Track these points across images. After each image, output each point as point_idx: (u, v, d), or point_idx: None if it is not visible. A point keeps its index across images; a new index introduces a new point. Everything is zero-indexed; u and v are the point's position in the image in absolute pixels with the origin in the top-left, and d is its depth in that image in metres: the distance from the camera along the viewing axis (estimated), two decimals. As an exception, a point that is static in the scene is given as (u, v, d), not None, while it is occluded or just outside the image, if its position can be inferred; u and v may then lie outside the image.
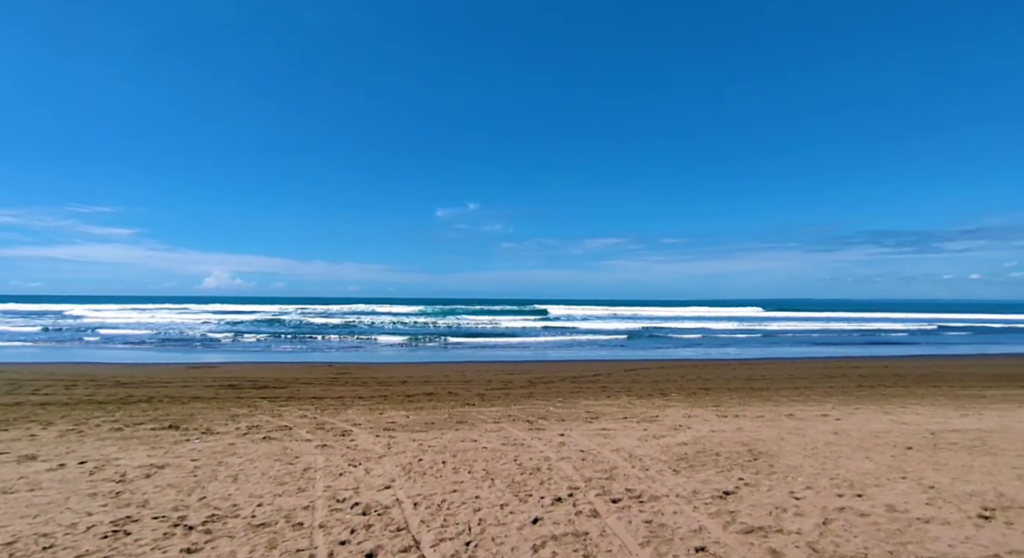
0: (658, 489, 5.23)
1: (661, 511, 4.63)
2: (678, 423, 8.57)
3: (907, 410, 9.68)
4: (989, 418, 8.78)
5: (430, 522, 4.38)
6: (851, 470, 5.85)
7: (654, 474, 5.75)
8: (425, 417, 9.36)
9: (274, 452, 6.74)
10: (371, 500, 4.91)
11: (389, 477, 5.65)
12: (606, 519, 4.44)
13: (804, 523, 4.35)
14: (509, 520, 4.42)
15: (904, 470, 5.84)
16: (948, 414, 9.21)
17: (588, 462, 6.25)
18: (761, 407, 10.21)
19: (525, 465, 6.12)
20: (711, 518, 4.47)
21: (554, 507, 4.73)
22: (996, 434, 7.52)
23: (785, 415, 9.24)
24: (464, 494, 5.09)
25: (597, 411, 9.87)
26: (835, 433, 7.72)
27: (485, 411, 9.96)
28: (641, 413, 9.60)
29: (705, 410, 9.87)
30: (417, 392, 12.56)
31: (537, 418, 9.16)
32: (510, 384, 14.01)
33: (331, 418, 9.18)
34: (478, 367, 18.94)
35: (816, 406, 10.29)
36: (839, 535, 4.11)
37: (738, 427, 8.20)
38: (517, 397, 11.83)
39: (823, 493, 5.11)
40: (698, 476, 5.67)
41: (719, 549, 3.86)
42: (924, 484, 5.34)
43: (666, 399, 11.44)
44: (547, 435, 7.75)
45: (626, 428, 8.21)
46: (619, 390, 12.91)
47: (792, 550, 3.85)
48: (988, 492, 5.07)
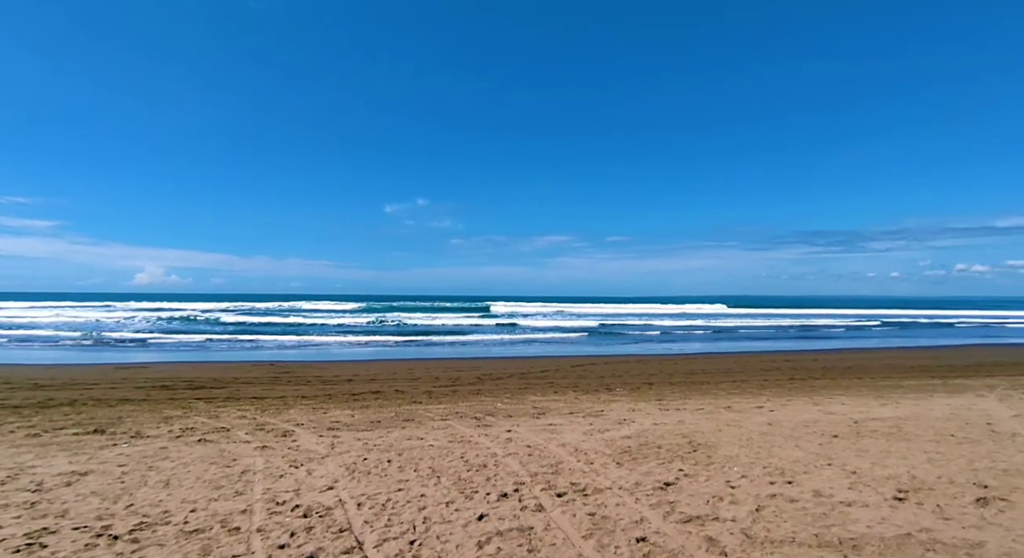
0: (602, 482, 5.34)
1: (604, 503, 4.73)
2: (622, 417, 8.77)
3: (834, 401, 10.26)
4: (905, 406, 9.42)
5: (374, 522, 4.31)
6: (783, 459, 6.15)
7: (598, 467, 5.86)
8: (371, 416, 9.20)
9: (210, 455, 6.47)
10: (313, 502, 4.79)
11: (332, 478, 5.52)
12: (551, 513, 4.50)
13: (739, 511, 4.54)
14: (455, 517, 4.41)
15: (830, 457, 6.18)
16: (870, 403, 9.82)
17: (534, 457, 6.31)
18: (701, 400, 10.59)
19: (472, 462, 6.11)
20: (652, 509, 4.60)
21: (500, 503, 4.75)
22: (911, 421, 8.07)
23: (723, 407, 9.61)
24: (409, 493, 5.04)
25: (544, 407, 9.98)
26: (769, 424, 8.09)
27: (432, 409, 9.89)
28: (587, 408, 9.77)
29: (648, 404, 10.14)
30: (363, 390, 12.33)
31: (485, 415, 9.17)
32: (458, 381, 13.96)
33: (272, 418, 8.89)
34: (426, 364, 18.79)
35: (752, 398, 10.75)
36: (770, 521, 4.31)
37: (679, 420, 8.47)
38: (465, 394, 11.80)
39: (757, 481, 5.34)
40: (640, 468, 5.82)
41: (659, 539, 3.98)
42: (847, 469, 5.67)
43: (611, 394, 11.68)
44: (494, 431, 7.77)
45: (572, 423, 8.34)
46: (566, 386, 13.09)
47: (727, 537, 4.01)
48: (903, 475, 5.44)
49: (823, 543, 3.88)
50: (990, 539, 3.91)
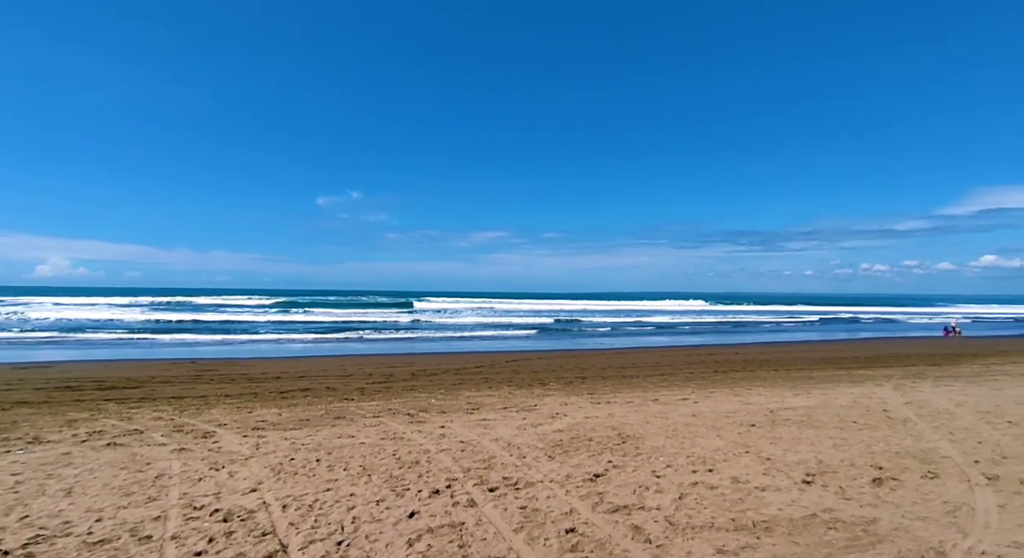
0: (534, 476, 5.42)
1: (535, 496, 4.81)
2: (555, 411, 8.92)
3: (752, 392, 10.88)
4: (815, 396, 10.12)
5: (300, 524, 4.18)
6: (705, 448, 6.46)
7: (530, 461, 5.94)
8: (299, 414, 8.90)
9: (120, 459, 6.05)
10: (234, 505, 4.59)
11: (256, 479, 5.31)
12: (482, 508, 4.52)
13: (663, 499, 4.73)
14: (385, 516, 4.35)
15: (747, 445, 6.55)
16: (784, 394, 10.48)
17: (468, 453, 6.31)
18: (631, 393, 10.94)
19: (404, 459, 6.04)
20: (581, 500, 4.71)
21: (432, 499, 4.73)
22: (819, 410, 8.69)
23: (651, 400, 9.98)
24: (338, 492, 4.92)
25: (478, 402, 10.00)
26: (693, 415, 8.47)
27: (365, 406, 9.69)
28: (521, 402, 9.87)
29: (581, 398, 10.37)
30: (292, 388, 11.91)
31: (418, 411, 9.08)
32: (392, 378, 13.75)
33: (192, 419, 8.43)
34: (359, 360, 18.37)
35: (678, 391, 11.22)
36: (692, 508, 4.52)
37: (610, 413, 8.72)
38: (399, 390, 11.64)
39: (680, 470, 5.59)
40: (571, 461, 5.95)
41: (587, 529, 4.09)
42: (762, 456, 6.04)
43: (545, 388, 11.86)
44: (428, 428, 7.71)
45: (506, 418, 8.40)
46: (501, 381, 13.17)
47: (651, 525, 4.17)
48: (811, 460, 5.85)
49: (739, 527, 4.11)
50: (883, 516, 4.28)
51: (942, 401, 9.34)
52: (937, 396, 9.91)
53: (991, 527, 4.03)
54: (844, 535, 3.93)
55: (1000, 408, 8.62)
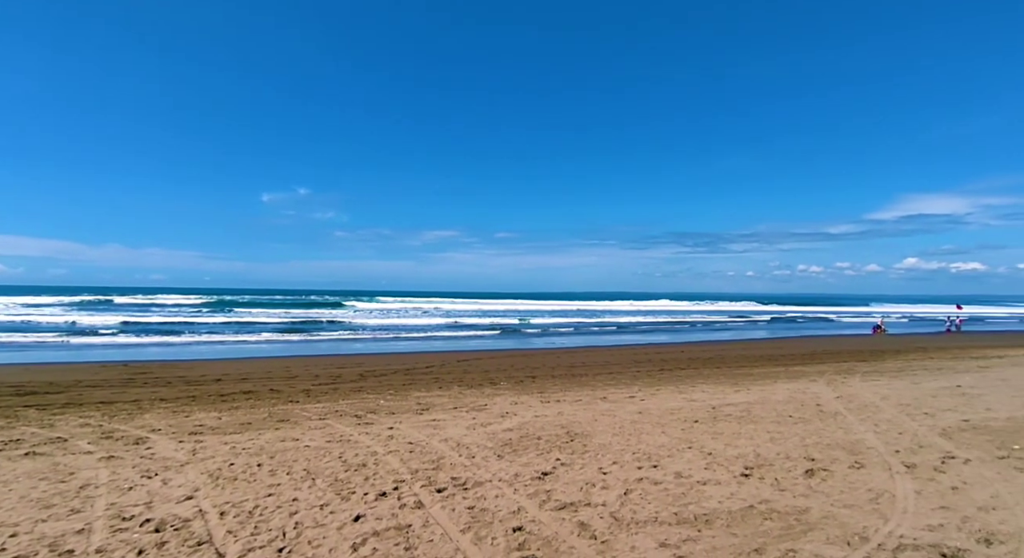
0: (482, 475, 5.41)
1: (484, 496, 4.80)
2: (505, 410, 8.95)
3: (696, 389, 11.24)
4: (754, 392, 10.56)
5: (238, 532, 4.02)
6: (650, 444, 6.62)
7: (479, 461, 5.94)
8: (241, 417, 8.58)
9: (40, 470, 5.66)
10: (167, 514, 4.37)
11: (192, 486, 5.08)
12: (430, 509, 4.48)
13: (609, 495, 4.82)
14: (329, 520, 4.24)
15: (691, 441, 6.76)
16: (726, 390, 10.88)
17: (416, 454, 6.25)
18: (580, 392, 11.09)
19: (350, 462, 5.92)
20: (529, 498, 4.74)
21: (378, 502, 4.65)
22: (758, 405, 9.06)
23: (599, 398, 10.15)
24: (280, 497, 4.77)
25: (428, 402, 9.91)
26: (640, 412, 8.67)
27: (310, 408, 9.43)
28: (471, 402, 9.85)
29: (531, 397, 10.44)
30: (233, 391, 11.46)
31: (366, 412, 8.92)
32: (339, 379, 13.44)
33: (122, 425, 7.98)
34: (305, 361, 17.87)
35: (626, 389, 11.46)
36: (636, 503, 4.63)
37: (559, 411, 8.82)
38: (346, 392, 11.39)
39: (626, 467, 5.71)
40: (520, 460, 5.98)
41: (534, 527, 4.12)
42: (704, 451, 6.24)
43: (495, 388, 11.87)
44: (376, 429, 7.59)
45: (456, 418, 8.36)
46: (451, 381, 13.10)
47: (597, 521, 4.24)
48: (749, 454, 6.09)
49: (681, 520, 4.23)
50: (814, 505, 4.50)
51: (869, 395, 9.92)
52: (864, 390, 10.52)
53: (909, 512, 4.31)
54: (778, 525, 4.11)
55: (918, 400, 9.23)
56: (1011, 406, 8.65)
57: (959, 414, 8.07)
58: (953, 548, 3.62)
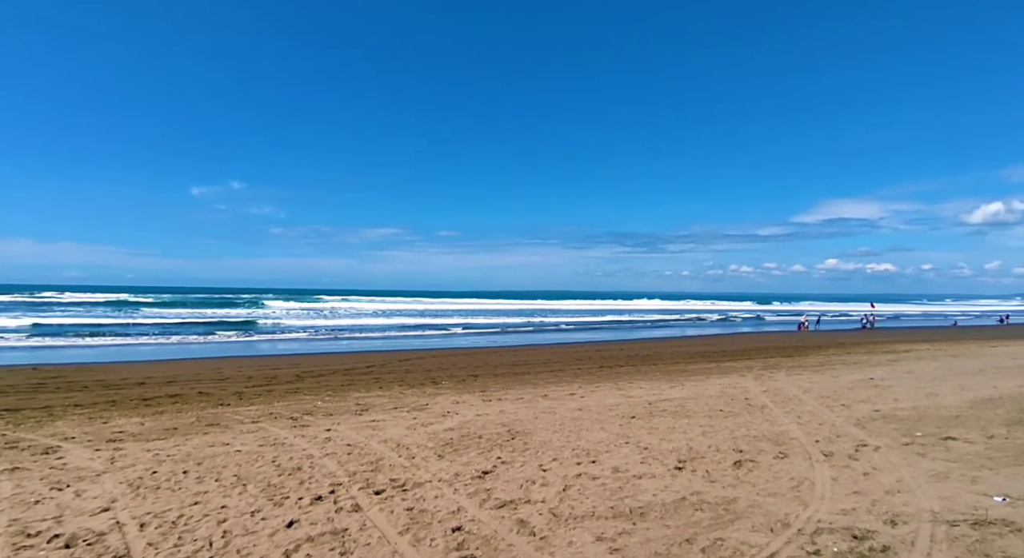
0: (422, 476, 5.36)
1: (423, 497, 4.76)
2: (447, 410, 8.89)
3: (634, 385, 11.55)
4: (688, 388, 10.97)
5: (160, 543, 3.81)
6: (589, 441, 6.75)
7: (419, 461, 5.88)
8: (166, 423, 8.13)
9: (-68, 484, 5.16)
10: (80, 528, 4.08)
11: (109, 497, 4.76)
12: (368, 512, 4.39)
13: (548, 492, 4.88)
14: (260, 527, 4.08)
15: (628, 436, 6.94)
16: (661, 387, 11.24)
17: (354, 456, 6.11)
18: (521, 390, 11.17)
19: (284, 466, 5.72)
20: (469, 498, 4.73)
21: (313, 507, 4.51)
22: (691, 400, 9.42)
23: (541, 396, 10.26)
24: (208, 505, 4.55)
25: (368, 403, 9.71)
26: (580, 409, 8.82)
27: (242, 411, 9.05)
28: (412, 402, 9.73)
29: (473, 396, 10.42)
30: (158, 394, 10.83)
31: (303, 414, 8.65)
32: (274, 380, 12.96)
33: (30, 434, 7.39)
34: (238, 362, 17.13)
35: (566, 386, 11.64)
36: (575, 499, 4.71)
37: (501, 410, 8.85)
38: (282, 393, 11.00)
39: (566, 463, 5.79)
40: (461, 459, 5.96)
41: (474, 526, 4.11)
42: (640, 446, 6.43)
43: (437, 387, 11.78)
44: (312, 431, 7.37)
45: (396, 418, 8.24)
46: (392, 381, 12.90)
47: (536, 518, 4.28)
48: (683, 448, 6.32)
49: (617, 514, 4.34)
50: (741, 495, 4.72)
51: (792, 389, 10.50)
52: (789, 384, 11.13)
53: (826, 498, 4.59)
54: (709, 515, 4.29)
55: (836, 393, 9.86)
56: (915, 396, 9.38)
57: (871, 405, 8.67)
58: (863, 530, 3.89)
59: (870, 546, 3.62)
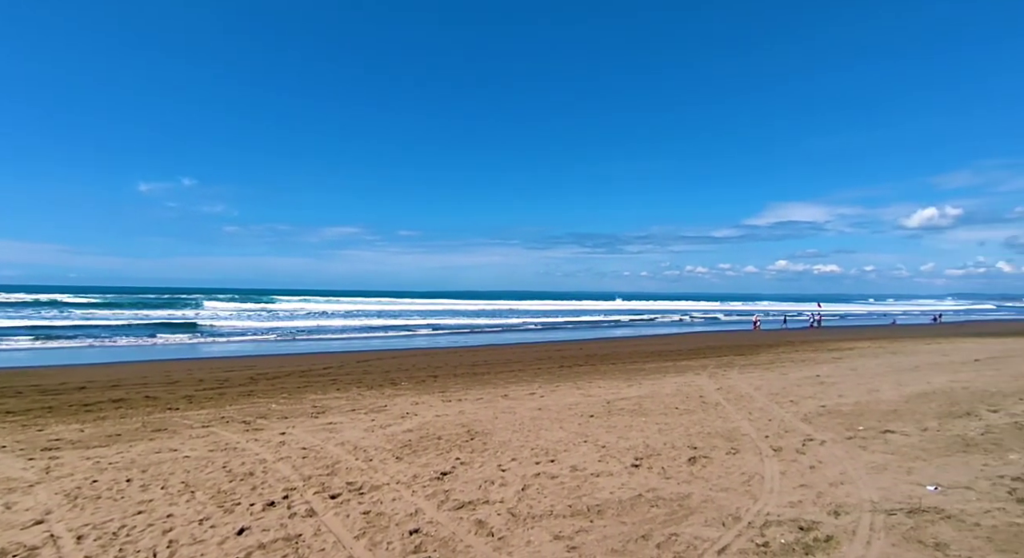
0: (380, 478, 5.28)
1: (380, 500, 4.69)
2: (406, 411, 8.80)
3: (593, 384, 11.69)
4: (645, 386, 11.17)
5: (99, 556, 3.63)
6: (548, 440, 6.80)
7: (377, 464, 5.79)
8: (108, 429, 7.76)
9: None
10: (10, 543, 3.85)
11: (43, 509, 4.51)
12: (323, 517, 4.30)
13: (507, 492, 4.89)
14: (209, 536, 3.94)
15: (586, 435, 7.02)
16: (619, 386, 11.42)
17: (310, 460, 5.98)
18: (481, 390, 11.15)
19: (236, 471, 5.54)
20: (427, 500, 4.69)
21: (265, 513, 4.39)
22: (648, 399, 9.60)
23: (501, 396, 10.27)
24: (152, 515, 4.36)
25: (324, 405, 9.51)
26: (539, 409, 8.87)
27: (192, 415, 8.72)
28: (370, 404, 9.58)
29: (432, 396, 10.34)
30: (100, 399, 10.32)
31: (256, 418, 8.40)
32: (227, 383, 12.54)
33: (-44, 442, 6.92)
34: (188, 365, 16.51)
35: (526, 386, 11.68)
36: (533, 498, 4.73)
37: (460, 410, 8.81)
38: (234, 396, 10.65)
39: (525, 463, 5.81)
40: (419, 461, 5.91)
41: (431, 528, 4.08)
42: (599, 444, 6.51)
43: (396, 388, 11.64)
44: (266, 435, 7.17)
45: (353, 420, 8.10)
46: (350, 382, 12.67)
47: (495, 518, 4.28)
48: (639, 445, 6.43)
49: (575, 512, 4.38)
50: (695, 491, 4.84)
51: (744, 386, 10.84)
52: (741, 382, 11.48)
53: (774, 491, 4.76)
54: (664, 511, 4.38)
55: (785, 390, 10.23)
56: (858, 392, 9.81)
57: (817, 401, 9.03)
58: (809, 521, 4.05)
59: (815, 537, 3.77)
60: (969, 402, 8.54)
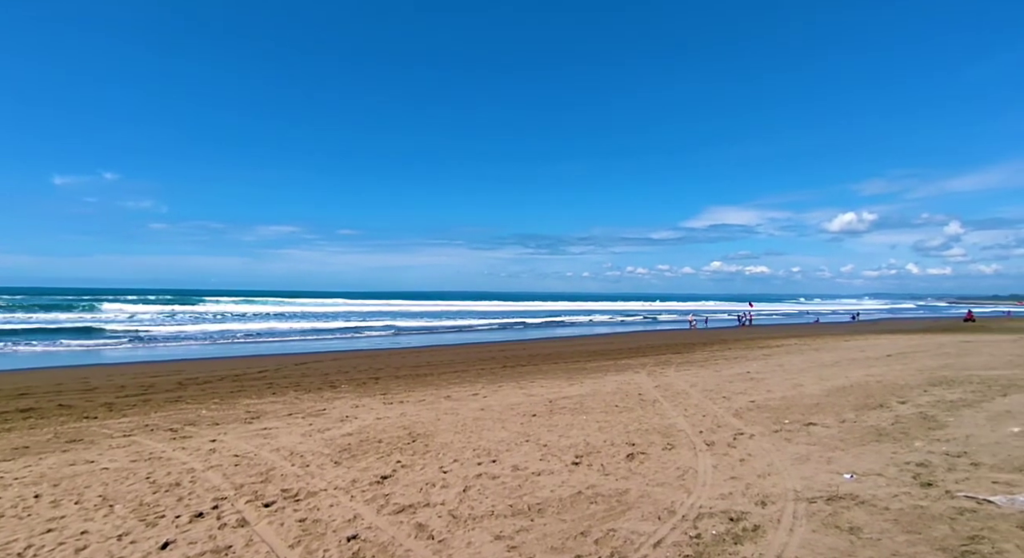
0: (317, 484, 5.13)
1: (317, 506, 4.55)
2: (345, 414, 8.59)
3: (535, 384, 11.80)
4: (587, 385, 11.38)
5: (3, 579, 3.35)
6: (490, 440, 6.80)
7: (314, 469, 5.62)
8: (15, 441, 7.17)
9: None
10: None
11: (-63, 530, 4.11)
12: (255, 526, 4.13)
13: (448, 494, 4.85)
14: (128, 552, 3.71)
15: (528, 434, 7.07)
16: (562, 385, 11.58)
17: (242, 467, 5.73)
18: (424, 392, 11.04)
19: (160, 482, 5.25)
20: (366, 504, 4.60)
21: (193, 525, 4.17)
22: (590, 397, 9.79)
23: (444, 397, 10.20)
24: (64, 532, 4.06)
25: (259, 410, 9.15)
26: (482, 409, 8.87)
27: (112, 424, 8.19)
28: (308, 408, 9.29)
29: (373, 399, 10.14)
30: (5, 409, 9.52)
31: (184, 425, 7.98)
32: (152, 388, 11.85)
33: None
34: (109, 370, 15.51)
35: (469, 386, 11.65)
36: (474, 499, 4.72)
37: (402, 412, 8.68)
38: (160, 403, 10.08)
39: (467, 464, 5.79)
40: (359, 465, 5.78)
41: (370, 534, 3.99)
42: (540, 443, 6.57)
43: (336, 391, 11.34)
44: (195, 443, 6.82)
45: (290, 425, 7.83)
46: (287, 385, 12.24)
47: (435, 520, 4.24)
48: (580, 443, 6.54)
49: (516, 512, 4.40)
50: (632, 486, 4.97)
51: (681, 383, 11.23)
52: (678, 379, 11.89)
53: (707, 484, 4.95)
54: (602, 507, 4.47)
55: (719, 386, 10.67)
56: (784, 387, 10.37)
57: (748, 396, 9.47)
58: (738, 512, 4.24)
59: (743, 527, 3.94)
60: (882, 395, 9.19)
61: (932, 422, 7.10)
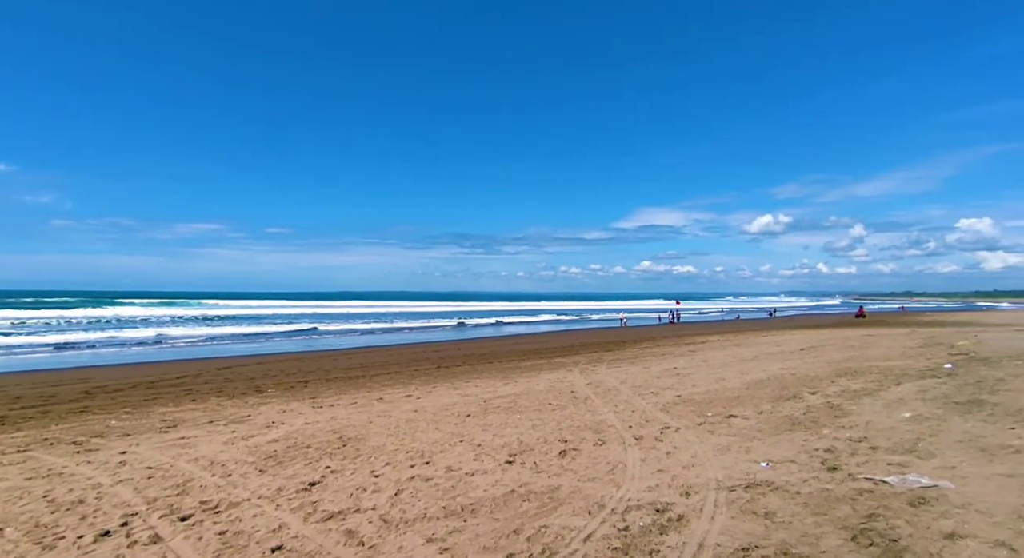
0: (239, 494, 4.90)
1: (240, 518, 4.34)
2: (271, 420, 8.24)
3: (470, 384, 11.78)
4: (521, 384, 11.48)
5: None
6: (424, 442, 6.73)
7: (237, 479, 5.36)
8: None
9: None
10: None
11: None
12: (170, 542, 3.89)
13: (379, 498, 4.76)
14: (22, 578, 3.40)
15: (462, 434, 7.05)
16: (496, 384, 11.62)
17: (156, 480, 5.38)
18: (356, 394, 10.77)
19: (61, 500, 4.84)
20: (293, 513, 4.43)
21: (97, 545, 3.87)
22: (523, 396, 9.88)
23: (376, 399, 9.99)
24: (-55, 561, 3.67)
25: (176, 418, 8.61)
26: (415, 411, 8.75)
27: (5, 439, 7.47)
28: (231, 414, 8.84)
29: (302, 403, 9.79)
30: None
31: (90, 437, 7.39)
32: (53, 399, 10.90)
33: None
34: (2, 380, 14.09)
35: (403, 388, 11.47)
36: (407, 502, 4.65)
37: (332, 417, 8.43)
38: (62, 414, 9.29)
39: (399, 467, 5.70)
40: (285, 472, 5.56)
41: (296, 543, 3.85)
42: (474, 443, 6.57)
43: (262, 396, 10.86)
44: (102, 456, 6.34)
45: (211, 433, 7.42)
46: (208, 392, 11.60)
47: (366, 526, 4.15)
48: (514, 442, 6.58)
49: (449, 513, 4.38)
50: (564, 483, 5.06)
51: (612, 380, 11.54)
52: (609, 376, 12.21)
53: (636, 478, 5.12)
54: (535, 504, 4.52)
55: (648, 382, 11.05)
56: (708, 381, 10.88)
57: (674, 391, 9.86)
58: (664, 503, 4.40)
59: (668, 517, 4.11)
60: (795, 386, 9.82)
61: (838, 411, 7.65)
